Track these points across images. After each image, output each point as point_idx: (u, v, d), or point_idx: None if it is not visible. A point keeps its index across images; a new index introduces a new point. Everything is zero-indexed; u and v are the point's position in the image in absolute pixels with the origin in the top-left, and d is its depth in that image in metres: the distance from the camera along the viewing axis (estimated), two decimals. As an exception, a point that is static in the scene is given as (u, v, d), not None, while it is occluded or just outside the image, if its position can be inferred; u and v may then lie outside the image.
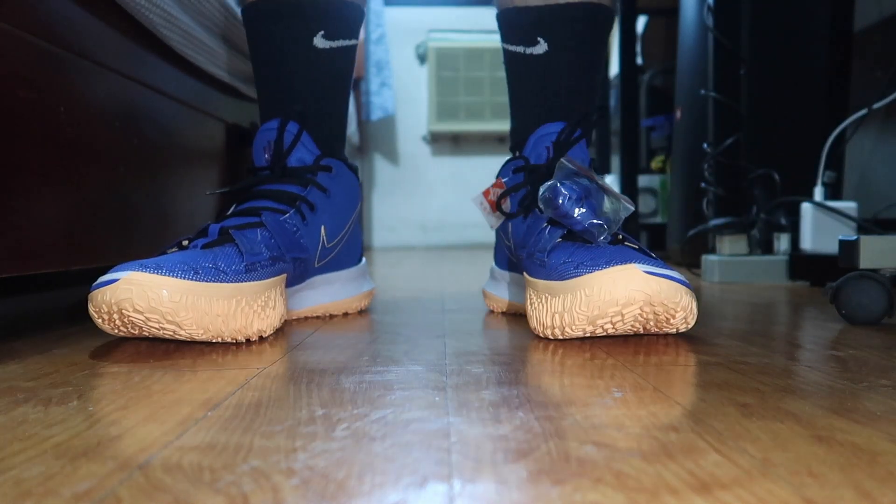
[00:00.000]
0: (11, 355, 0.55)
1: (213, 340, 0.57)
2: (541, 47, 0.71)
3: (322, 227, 0.71)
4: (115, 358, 0.54)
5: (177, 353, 0.55)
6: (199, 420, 0.36)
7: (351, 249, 0.78)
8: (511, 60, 0.75)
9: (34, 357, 0.54)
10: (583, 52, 0.72)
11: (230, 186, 0.74)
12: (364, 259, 0.83)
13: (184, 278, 0.54)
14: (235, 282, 0.58)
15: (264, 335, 0.61)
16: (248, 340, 0.60)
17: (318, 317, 0.76)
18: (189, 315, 0.54)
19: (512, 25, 0.73)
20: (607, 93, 1.99)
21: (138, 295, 0.53)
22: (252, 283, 0.60)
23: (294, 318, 0.73)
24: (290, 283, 0.69)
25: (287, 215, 0.68)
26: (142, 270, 0.53)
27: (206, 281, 0.56)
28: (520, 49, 0.73)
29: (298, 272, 0.69)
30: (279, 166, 0.72)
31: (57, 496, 0.26)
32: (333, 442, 0.32)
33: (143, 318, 0.54)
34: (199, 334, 0.56)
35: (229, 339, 0.58)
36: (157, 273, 0.54)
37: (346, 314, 0.78)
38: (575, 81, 0.72)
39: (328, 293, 0.76)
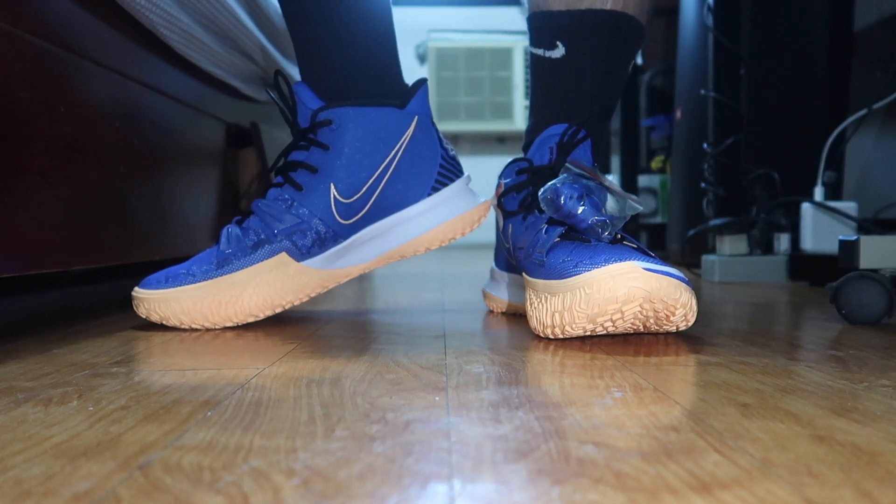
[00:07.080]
0: (11, 355, 0.55)
1: (211, 328, 0.68)
2: (559, 51, 0.72)
3: (332, 186, 0.69)
4: (115, 358, 0.54)
5: (177, 354, 0.55)
6: (199, 420, 0.36)
7: (410, 183, 0.73)
8: (533, 63, 0.76)
9: (34, 357, 0.54)
10: (599, 59, 0.72)
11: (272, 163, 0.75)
12: (455, 181, 0.75)
13: (157, 289, 0.68)
14: (203, 280, 0.67)
15: (258, 317, 0.69)
16: (241, 326, 0.67)
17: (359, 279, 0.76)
18: (171, 314, 0.67)
19: (536, 28, 0.75)
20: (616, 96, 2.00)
21: (140, 309, 0.69)
22: (224, 276, 0.68)
23: (371, 269, 0.75)
24: (311, 252, 0.70)
25: (281, 189, 0.70)
26: (138, 287, 0.70)
27: (174, 287, 0.68)
28: (540, 52, 0.74)
29: (314, 239, 0.69)
30: (294, 131, 0.72)
31: (57, 496, 0.26)
32: (333, 442, 0.32)
33: (160, 319, 0.69)
34: (193, 326, 0.68)
35: (211, 326, 0.68)
36: (143, 288, 0.69)
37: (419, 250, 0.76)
38: (588, 87, 0.73)
39: (400, 235, 0.74)
